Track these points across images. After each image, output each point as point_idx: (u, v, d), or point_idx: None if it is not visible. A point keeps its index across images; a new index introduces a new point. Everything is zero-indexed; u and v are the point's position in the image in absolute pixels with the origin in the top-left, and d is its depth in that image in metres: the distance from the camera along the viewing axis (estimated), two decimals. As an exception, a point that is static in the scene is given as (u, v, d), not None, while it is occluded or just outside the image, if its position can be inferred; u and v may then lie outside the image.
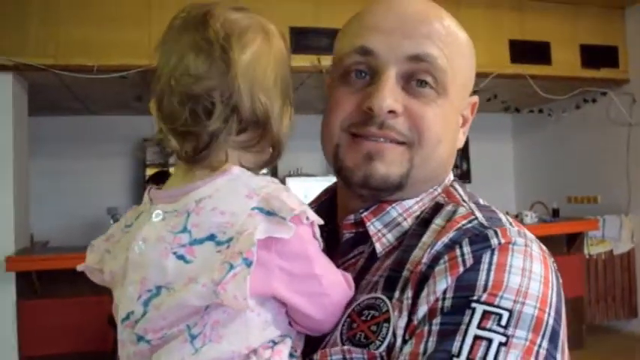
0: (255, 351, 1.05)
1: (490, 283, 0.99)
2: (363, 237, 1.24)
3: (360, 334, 1.07)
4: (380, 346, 1.04)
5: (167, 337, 1.05)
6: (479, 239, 1.06)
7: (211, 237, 1.03)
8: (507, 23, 7.14)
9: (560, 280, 1.10)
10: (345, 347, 1.07)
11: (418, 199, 1.24)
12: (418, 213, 1.22)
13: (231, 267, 0.98)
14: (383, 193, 1.23)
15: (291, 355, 1.11)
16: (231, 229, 1.02)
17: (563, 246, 7.55)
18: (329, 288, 1.10)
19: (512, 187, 10.55)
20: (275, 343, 1.09)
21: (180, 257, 1.04)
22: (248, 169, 1.14)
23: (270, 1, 6.22)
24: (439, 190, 1.27)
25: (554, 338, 0.98)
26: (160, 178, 7.76)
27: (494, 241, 1.05)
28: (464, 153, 9.86)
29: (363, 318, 1.09)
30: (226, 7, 1.15)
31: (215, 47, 1.08)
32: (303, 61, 6.28)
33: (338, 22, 5.69)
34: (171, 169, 1.22)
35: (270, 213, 1.01)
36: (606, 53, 7.73)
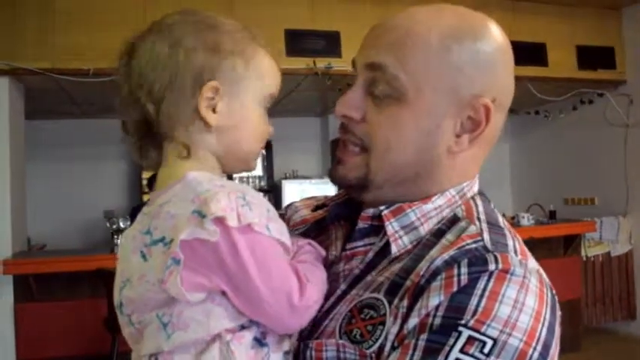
0: (219, 335, 1.12)
1: (480, 310, 1.00)
2: (375, 229, 1.27)
3: (356, 331, 1.10)
4: (372, 346, 1.07)
5: (144, 322, 1.16)
6: (478, 262, 1.06)
7: (162, 239, 1.12)
8: (501, 24, 7.04)
9: (559, 314, 1.10)
10: (341, 341, 1.11)
11: (436, 205, 1.24)
12: (435, 221, 1.23)
13: (167, 266, 1.08)
14: (354, 192, 1.31)
15: (259, 341, 1.15)
16: (174, 231, 1.10)
17: (560, 248, 7.55)
18: (270, 295, 1.11)
19: (508, 189, 10.56)
20: (243, 327, 1.14)
21: (143, 255, 1.14)
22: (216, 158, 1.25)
23: (266, 5, 6.25)
24: (459, 201, 1.26)
25: None
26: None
27: (491, 267, 1.05)
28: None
29: (362, 316, 1.12)
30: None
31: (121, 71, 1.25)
32: (298, 63, 6.31)
33: (333, 24, 5.74)
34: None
35: (203, 216, 1.07)
36: (603, 54, 7.73)
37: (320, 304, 1.18)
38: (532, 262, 1.12)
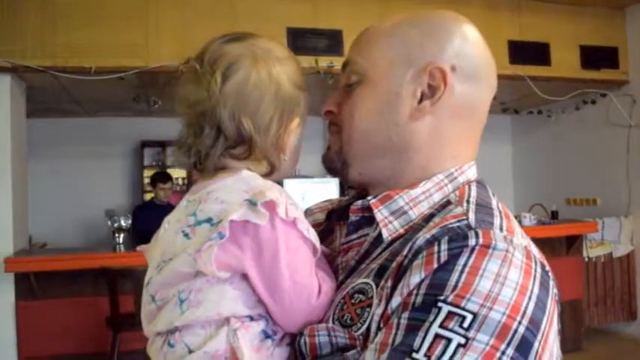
0: (228, 320, 1.17)
1: (460, 285, 0.99)
2: (367, 221, 1.31)
3: (347, 316, 1.13)
4: (360, 328, 1.10)
5: (166, 299, 1.23)
6: (458, 238, 1.06)
7: (209, 220, 1.20)
8: (506, 24, 7.13)
9: (553, 292, 1.08)
10: (331, 325, 1.14)
11: (424, 189, 1.27)
12: (426, 205, 1.25)
13: (209, 238, 1.15)
14: (340, 172, 1.37)
15: (267, 335, 1.20)
16: (223, 214, 1.18)
17: (562, 248, 7.54)
18: (292, 287, 1.17)
19: (511, 189, 10.56)
20: (252, 319, 1.20)
21: (186, 235, 1.22)
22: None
23: (268, 3, 6.24)
24: (449, 185, 1.28)
25: (523, 347, 0.97)
26: (161, 177, 7.82)
27: (471, 242, 1.05)
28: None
29: (353, 301, 1.15)
30: (223, 40, 1.30)
31: (202, 79, 1.25)
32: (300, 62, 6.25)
33: (335, 23, 5.72)
34: (169, 170, 1.35)
35: (253, 203, 1.15)
36: (606, 54, 7.74)
37: (326, 309, 1.21)
38: (520, 239, 1.11)
